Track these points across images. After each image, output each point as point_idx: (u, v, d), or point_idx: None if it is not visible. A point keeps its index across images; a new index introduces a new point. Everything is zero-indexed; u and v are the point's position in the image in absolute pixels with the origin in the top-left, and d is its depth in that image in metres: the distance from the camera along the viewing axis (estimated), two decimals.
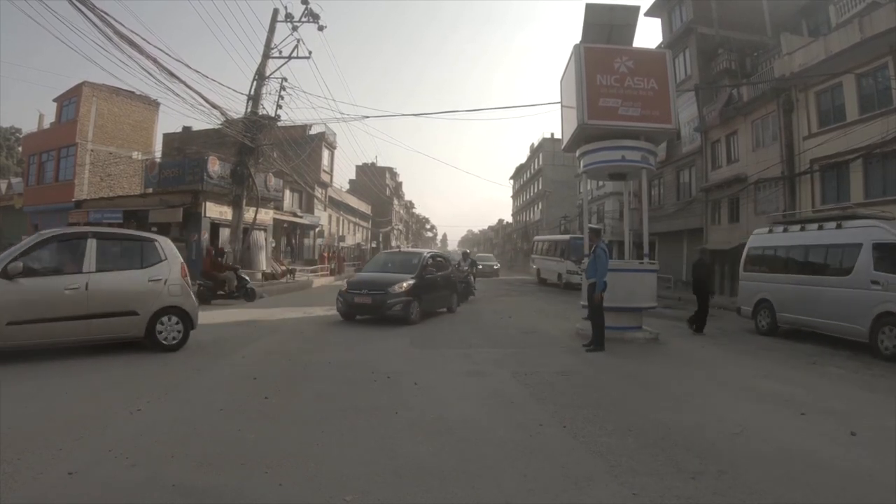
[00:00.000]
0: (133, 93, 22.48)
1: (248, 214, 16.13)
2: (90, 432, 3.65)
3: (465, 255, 23.04)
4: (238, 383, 5.18)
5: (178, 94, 11.50)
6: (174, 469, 3.07)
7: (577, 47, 8.88)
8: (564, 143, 9.94)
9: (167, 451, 3.33)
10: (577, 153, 9.43)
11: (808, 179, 16.92)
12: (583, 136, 9.04)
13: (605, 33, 9.49)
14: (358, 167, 54.64)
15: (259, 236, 21.07)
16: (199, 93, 12.10)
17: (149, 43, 10.11)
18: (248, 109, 15.35)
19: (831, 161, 15.91)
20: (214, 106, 13.03)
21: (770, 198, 18.64)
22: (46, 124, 27.60)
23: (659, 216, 25.11)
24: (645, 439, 3.81)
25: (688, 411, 4.65)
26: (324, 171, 33.35)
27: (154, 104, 25.35)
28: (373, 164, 55.59)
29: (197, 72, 12.21)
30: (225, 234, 17.93)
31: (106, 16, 8.74)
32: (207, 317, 10.57)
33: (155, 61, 10.43)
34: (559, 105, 10.58)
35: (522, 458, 3.40)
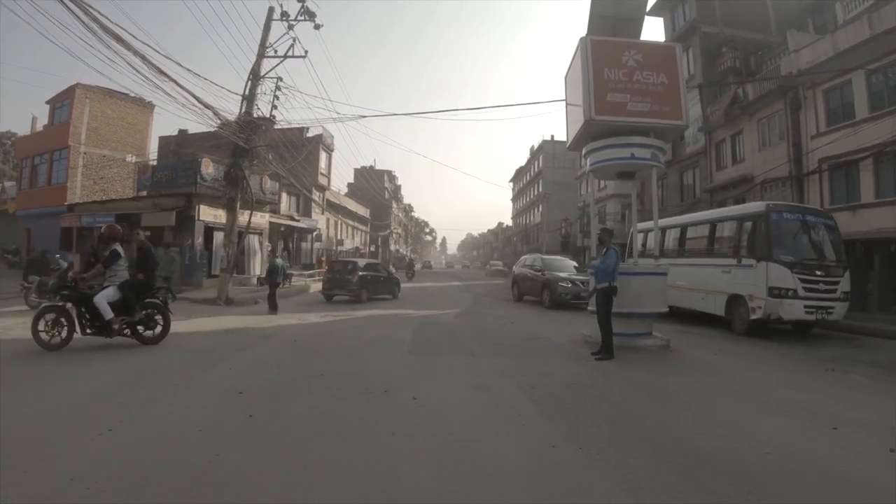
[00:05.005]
0: (127, 95, 22.17)
1: (243, 218, 15.69)
2: (53, 456, 3.27)
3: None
4: (222, 398, 4.75)
5: (168, 94, 11.08)
6: (143, 501, 2.69)
7: (583, 40, 8.49)
8: (570, 141, 9.53)
9: (136, 480, 2.93)
10: (584, 151, 9.03)
11: (816, 179, 16.57)
12: (590, 133, 8.63)
13: (610, 26, 9.12)
14: (356, 170, 54.41)
15: (254, 240, 20.67)
16: (190, 92, 11.70)
17: (136, 38, 9.69)
18: (243, 110, 14.94)
19: (841, 160, 15.60)
20: (207, 106, 12.61)
21: (777, 198, 18.24)
22: (40, 127, 27.23)
23: (662, 217, 24.71)
24: (667, 460, 3.42)
25: (710, 427, 4.23)
26: (321, 174, 32.97)
27: (148, 106, 24.99)
28: (371, 167, 55.31)
29: (188, 70, 11.79)
30: (219, 237, 17.52)
31: (90, 8, 8.34)
32: (198, 324, 10.18)
33: (143, 58, 10.03)
34: (560, 105, 10.23)
35: (535, 486, 3.01)
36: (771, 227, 9.79)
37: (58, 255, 13.55)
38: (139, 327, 7.31)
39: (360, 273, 16.70)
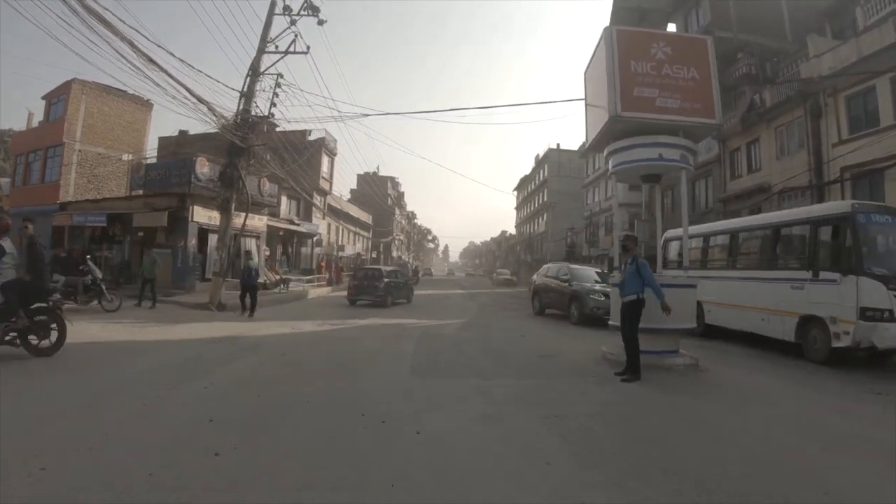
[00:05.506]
0: (124, 92, 21.53)
1: (238, 220, 14.95)
2: None
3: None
4: (189, 428, 3.97)
5: (158, 84, 10.38)
6: None
7: (607, 30, 7.77)
8: (590, 141, 8.77)
9: None
10: (606, 152, 8.26)
11: (838, 189, 15.85)
12: (613, 132, 7.88)
13: (635, 18, 8.44)
14: (359, 176, 53.86)
15: (250, 243, 19.92)
16: (182, 84, 10.98)
17: (123, 22, 9.02)
18: (241, 106, 14.26)
19: (864, 169, 14.91)
20: (201, 100, 11.90)
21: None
22: (35, 123, 26.61)
23: (671, 227, 23.97)
24: None
25: (780, 474, 3.46)
26: (323, 177, 32.30)
27: (147, 104, 24.36)
28: (375, 173, 54.74)
29: (181, 60, 11.06)
30: (213, 240, 16.77)
31: None
32: (184, 331, 9.42)
33: (132, 44, 9.34)
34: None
35: None
36: (859, 232, 7.75)
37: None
38: (31, 336, 6.31)
39: (386, 279, 17.58)
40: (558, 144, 54.10)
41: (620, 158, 7.92)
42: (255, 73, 14.64)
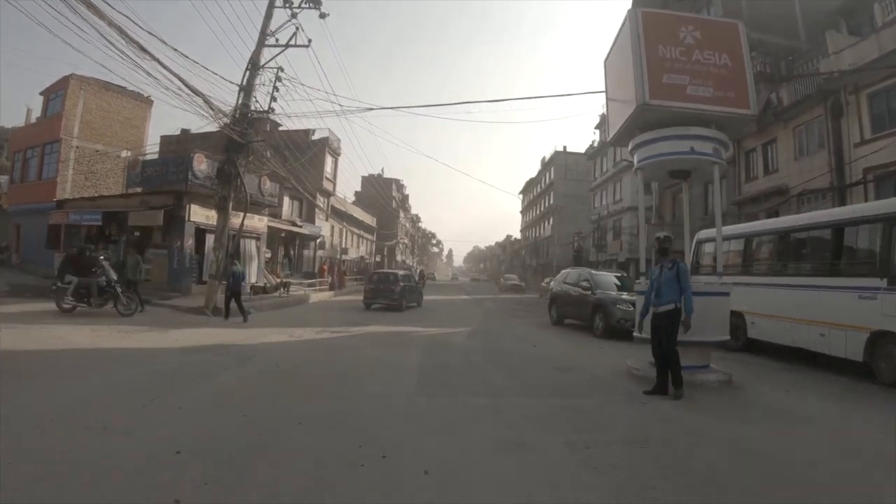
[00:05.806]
0: (124, 88, 21.09)
1: (236, 219, 14.34)
2: None
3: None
4: (150, 462, 3.28)
5: (150, 74, 9.80)
6: None
7: (632, 12, 7.12)
8: (611, 134, 8.12)
9: None
10: (631, 146, 7.56)
11: (860, 190, 15.16)
12: (638, 123, 7.21)
13: (658, 1, 7.76)
14: (364, 178, 53.37)
15: (250, 245, 19.32)
16: (176, 74, 10.39)
17: (111, 6, 8.41)
18: (240, 101, 13.69)
19: (889, 170, 14.25)
20: (196, 92, 11.31)
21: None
22: (34, 120, 26.17)
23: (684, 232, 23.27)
24: None
25: None
26: (327, 178, 31.72)
27: (146, 101, 23.86)
28: (379, 175, 54.25)
29: (175, 49, 10.45)
30: (211, 241, 16.18)
31: None
32: (173, 338, 8.76)
33: (121, 31, 8.77)
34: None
35: None
36: None
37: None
38: None
39: (401, 284, 17.96)
40: (565, 147, 53.59)
41: (647, 152, 7.23)
42: (254, 66, 14.08)
